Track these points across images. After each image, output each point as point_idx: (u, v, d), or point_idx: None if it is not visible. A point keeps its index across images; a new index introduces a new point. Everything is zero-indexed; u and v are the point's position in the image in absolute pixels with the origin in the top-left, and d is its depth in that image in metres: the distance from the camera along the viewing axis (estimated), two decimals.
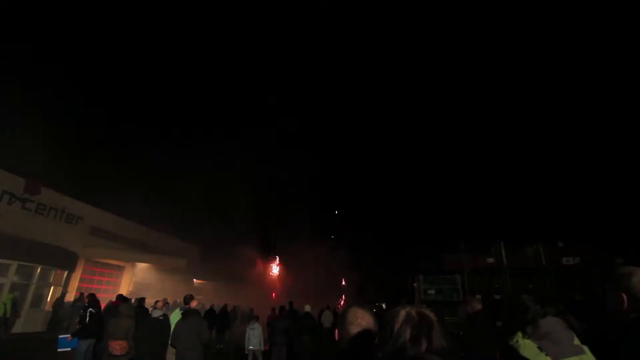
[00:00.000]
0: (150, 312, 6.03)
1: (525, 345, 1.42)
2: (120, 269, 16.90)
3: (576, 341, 1.40)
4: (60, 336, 6.13)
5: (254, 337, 7.88)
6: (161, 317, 5.45)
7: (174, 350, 5.10)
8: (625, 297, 1.31)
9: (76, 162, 17.86)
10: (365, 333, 1.31)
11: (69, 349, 6.04)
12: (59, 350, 6.05)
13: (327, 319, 11.74)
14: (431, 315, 1.08)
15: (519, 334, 1.48)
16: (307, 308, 8.71)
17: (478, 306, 4.45)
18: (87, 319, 6.13)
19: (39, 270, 12.04)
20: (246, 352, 7.90)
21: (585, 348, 1.37)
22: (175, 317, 5.73)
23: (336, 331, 1.45)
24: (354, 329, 1.33)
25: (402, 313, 1.09)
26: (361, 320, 1.34)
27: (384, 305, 22.13)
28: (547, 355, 1.35)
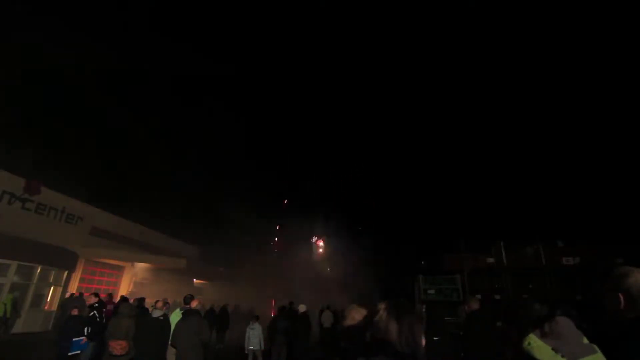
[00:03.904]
0: (150, 312, 6.03)
1: (540, 347, 1.37)
2: (120, 269, 16.91)
3: (585, 340, 1.38)
4: (75, 339, 5.92)
5: (254, 337, 7.89)
6: (161, 317, 5.46)
7: (174, 350, 5.10)
8: (622, 297, 1.32)
9: (76, 162, 17.88)
10: (356, 327, 1.34)
11: (79, 351, 5.88)
12: (70, 354, 5.81)
13: (327, 319, 11.72)
14: (395, 309, 1.10)
15: (532, 336, 1.43)
16: (302, 308, 8.66)
17: (475, 306, 4.48)
18: (98, 319, 6.13)
19: (39, 270, 12.05)
20: (246, 352, 7.91)
21: (595, 347, 1.35)
22: (175, 317, 5.74)
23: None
24: (348, 324, 1.39)
25: (380, 305, 1.15)
26: (357, 315, 1.38)
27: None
28: (563, 356, 1.31)
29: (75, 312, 6.50)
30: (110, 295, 11.55)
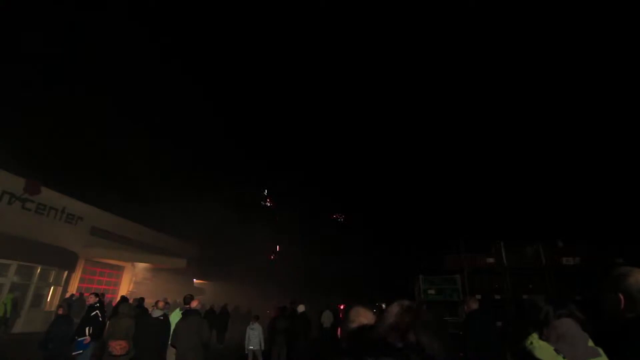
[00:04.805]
0: (150, 312, 6.02)
1: (541, 347, 1.35)
2: (120, 269, 16.91)
3: (590, 343, 1.36)
4: (79, 338, 5.77)
5: (254, 337, 7.88)
6: (161, 317, 5.47)
7: (174, 350, 5.11)
8: (622, 297, 1.32)
9: (76, 162, 17.87)
10: (364, 329, 1.33)
11: (81, 351, 5.74)
12: (74, 354, 5.66)
13: (327, 319, 11.72)
14: (420, 311, 1.09)
15: (534, 336, 1.42)
16: (301, 308, 8.67)
17: (474, 306, 4.48)
18: (101, 319, 6.08)
19: (39, 270, 12.05)
20: (246, 352, 7.91)
21: (600, 350, 1.33)
22: (175, 317, 5.74)
23: (338, 330, 1.49)
24: (354, 326, 1.37)
25: (395, 306, 1.11)
26: (362, 317, 1.37)
27: (384, 305, 22.14)
28: (564, 358, 1.30)
29: (60, 311, 6.19)
30: (103, 295, 11.51)
